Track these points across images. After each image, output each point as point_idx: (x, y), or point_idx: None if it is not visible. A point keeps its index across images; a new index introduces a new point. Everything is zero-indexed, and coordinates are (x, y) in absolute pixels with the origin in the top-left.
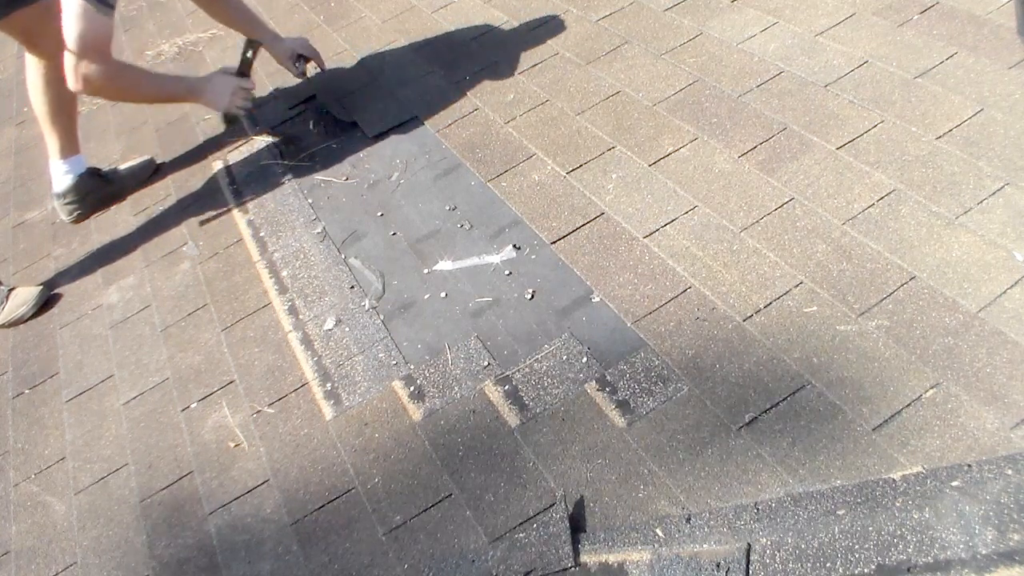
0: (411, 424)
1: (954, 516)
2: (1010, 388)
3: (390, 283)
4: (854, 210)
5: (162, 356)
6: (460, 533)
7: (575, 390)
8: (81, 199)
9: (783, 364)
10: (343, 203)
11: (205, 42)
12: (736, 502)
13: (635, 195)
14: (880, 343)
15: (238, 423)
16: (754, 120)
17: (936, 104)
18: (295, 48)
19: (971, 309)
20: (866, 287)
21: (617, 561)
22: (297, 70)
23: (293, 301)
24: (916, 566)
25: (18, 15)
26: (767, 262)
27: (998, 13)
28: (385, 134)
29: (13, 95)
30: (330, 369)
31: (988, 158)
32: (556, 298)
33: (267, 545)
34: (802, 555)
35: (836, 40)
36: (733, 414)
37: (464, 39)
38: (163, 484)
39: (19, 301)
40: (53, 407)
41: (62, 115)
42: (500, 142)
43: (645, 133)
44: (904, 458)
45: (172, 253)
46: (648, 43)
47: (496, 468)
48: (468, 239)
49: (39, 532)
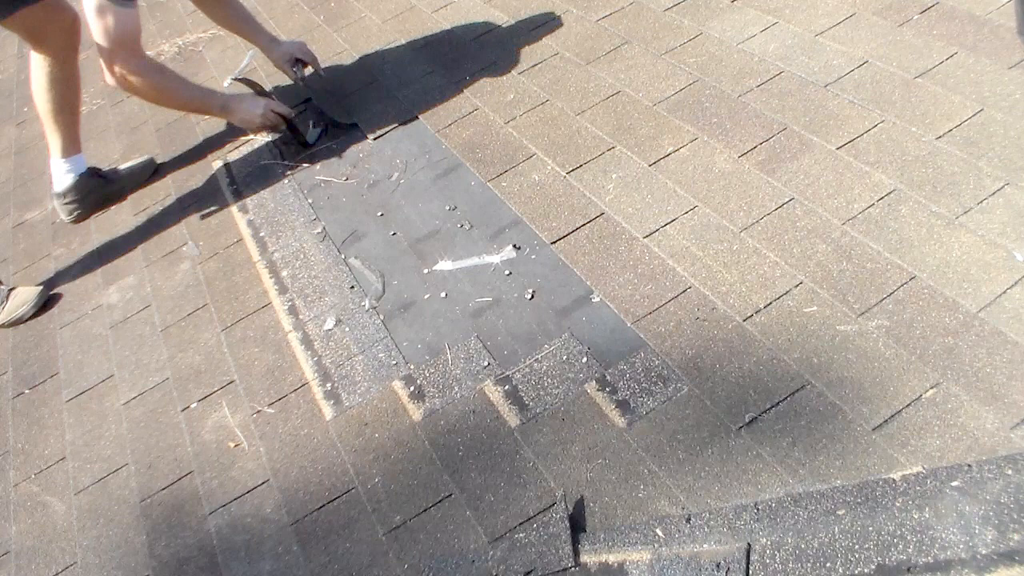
0: (411, 424)
1: (954, 516)
2: (1010, 388)
3: (390, 283)
4: (854, 210)
5: (162, 356)
6: (460, 533)
7: (575, 390)
8: (81, 199)
9: (783, 364)
10: (343, 203)
11: (205, 42)
12: (736, 502)
13: (635, 195)
14: (880, 343)
15: (238, 423)
16: (754, 120)
17: (936, 104)
18: (292, 52)
19: (971, 309)
20: (866, 287)
21: (617, 561)
22: (295, 74)
23: (293, 301)
24: (916, 566)
25: (23, 13)
26: (767, 262)
27: (998, 13)
28: (385, 134)
29: (13, 95)
30: (330, 369)
31: (988, 158)
32: (556, 298)
33: (267, 545)
34: (802, 555)
35: (836, 40)
36: (733, 414)
37: (464, 39)
38: (163, 484)
39: (19, 301)
40: (53, 407)
41: (65, 114)
42: (500, 142)
43: (645, 133)
44: (904, 458)
45: (172, 253)
46: (648, 43)
47: (496, 468)
48: (468, 239)
49: (39, 532)
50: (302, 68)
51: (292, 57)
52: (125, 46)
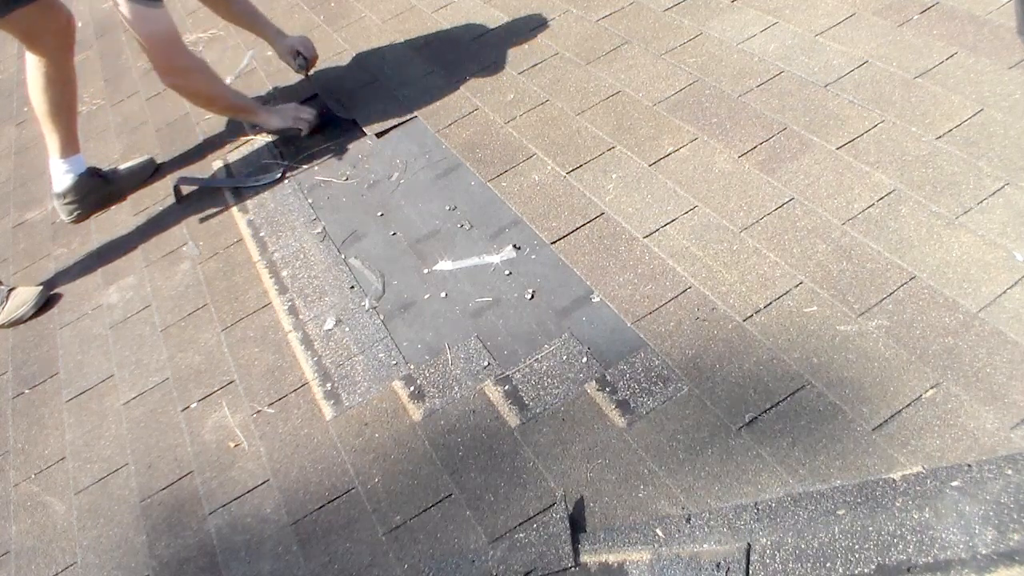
0: (411, 424)
1: (954, 516)
2: (1010, 388)
3: (390, 283)
4: (854, 210)
5: (162, 356)
6: (460, 533)
7: (575, 390)
8: (81, 199)
9: (783, 364)
10: (343, 203)
11: (205, 42)
12: (736, 502)
13: (635, 195)
14: (880, 343)
15: (238, 423)
16: (754, 120)
17: (936, 104)
18: (295, 45)
19: (971, 309)
20: (866, 287)
21: (617, 561)
22: (296, 65)
23: (293, 301)
24: (916, 566)
25: (18, 14)
26: (767, 262)
27: (998, 13)
28: (385, 134)
29: (13, 95)
30: (330, 369)
31: (988, 158)
32: (556, 298)
33: (267, 545)
34: (802, 555)
35: (836, 40)
36: (733, 414)
37: (464, 39)
38: (163, 484)
39: (19, 301)
40: (53, 407)
41: (62, 114)
42: (500, 142)
43: (645, 133)
44: (904, 458)
45: (172, 253)
46: (648, 43)
47: (496, 468)
48: (468, 239)
49: (39, 532)
50: (306, 61)
51: (295, 50)
52: (166, 44)
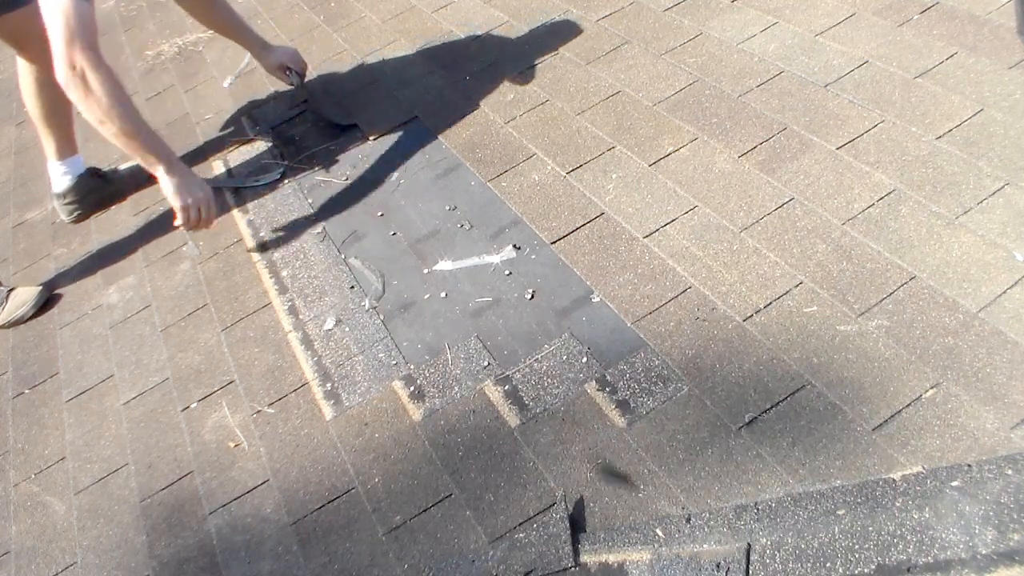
0: (411, 424)
1: (954, 516)
2: (1010, 388)
3: (390, 283)
4: (854, 210)
5: (162, 356)
6: (460, 533)
7: (575, 390)
8: (81, 199)
9: (783, 364)
10: (343, 203)
11: (205, 42)
12: (736, 502)
13: (635, 195)
14: (880, 343)
15: (238, 423)
16: (754, 120)
17: (936, 104)
18: (283, 60)
19: (971, 309)
20: (866, 287)
21: (617, 561)
22: (289, 81)
23: (293, 301)
24: (916, 566)
25: (5, 19)
26: (767, 262)
27: (998, 13)
28: (385, 134)
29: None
30: (330, 369)
31: (988, 158)
32: (556, 298)
33: (267, 545)
34: (802, 555)
35: (836, 40)
36: (733, 414)
37: (464, 39)
38: (163, 484)
39: (19, 301)
40: (53, 407)
41: (57, 117)
42: (500, 142)
43: (645, 133)
44: (904, 458)
45: (172, 253)
46: (648, 43)
47: (496, 468)
48: (468, 239)
49: (39, 532)
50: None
51: (283, 65)
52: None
